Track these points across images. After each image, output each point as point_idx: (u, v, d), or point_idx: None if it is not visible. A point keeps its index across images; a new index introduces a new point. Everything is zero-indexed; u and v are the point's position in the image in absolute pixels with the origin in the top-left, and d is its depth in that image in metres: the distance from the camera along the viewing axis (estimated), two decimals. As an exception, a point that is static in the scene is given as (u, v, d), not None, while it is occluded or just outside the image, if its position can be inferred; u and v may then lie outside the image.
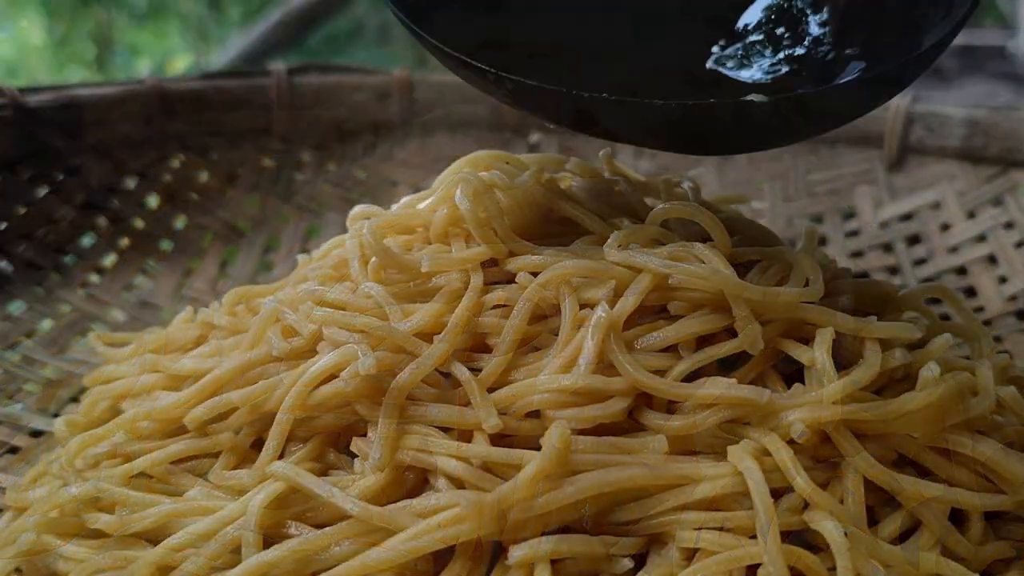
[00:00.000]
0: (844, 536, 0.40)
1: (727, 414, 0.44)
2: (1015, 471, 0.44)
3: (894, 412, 0.44)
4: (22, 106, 0.76)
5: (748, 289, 0.46)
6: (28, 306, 0.73)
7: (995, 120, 0.78)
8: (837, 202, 0.84)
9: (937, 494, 0.43)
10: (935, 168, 0.81)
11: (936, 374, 0.44)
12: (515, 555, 0.40)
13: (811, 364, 0.45)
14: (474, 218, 0.50)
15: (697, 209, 0.50)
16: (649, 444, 0.44)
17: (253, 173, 0.88)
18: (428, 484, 0.44)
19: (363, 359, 0.45)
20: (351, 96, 0.90)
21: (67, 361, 0.69)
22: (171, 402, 0.50)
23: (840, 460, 0.44)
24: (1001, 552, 0.45)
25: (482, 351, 0.48)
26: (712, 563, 0.40)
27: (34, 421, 0.62)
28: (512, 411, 0.45)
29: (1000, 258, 0.74)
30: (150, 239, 0.82)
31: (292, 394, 0.46)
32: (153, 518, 0.45)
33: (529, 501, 0.40)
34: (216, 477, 0.47)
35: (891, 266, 0.79)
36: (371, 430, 0.46)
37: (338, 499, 0.42)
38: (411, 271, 0.50)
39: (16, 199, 0.77)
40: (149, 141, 0.84)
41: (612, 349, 0.45)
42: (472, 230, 0.50)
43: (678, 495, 0.42)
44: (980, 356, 0.53)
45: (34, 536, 0.46)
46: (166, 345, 0.58)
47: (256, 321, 0.52)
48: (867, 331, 0.47)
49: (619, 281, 0.47)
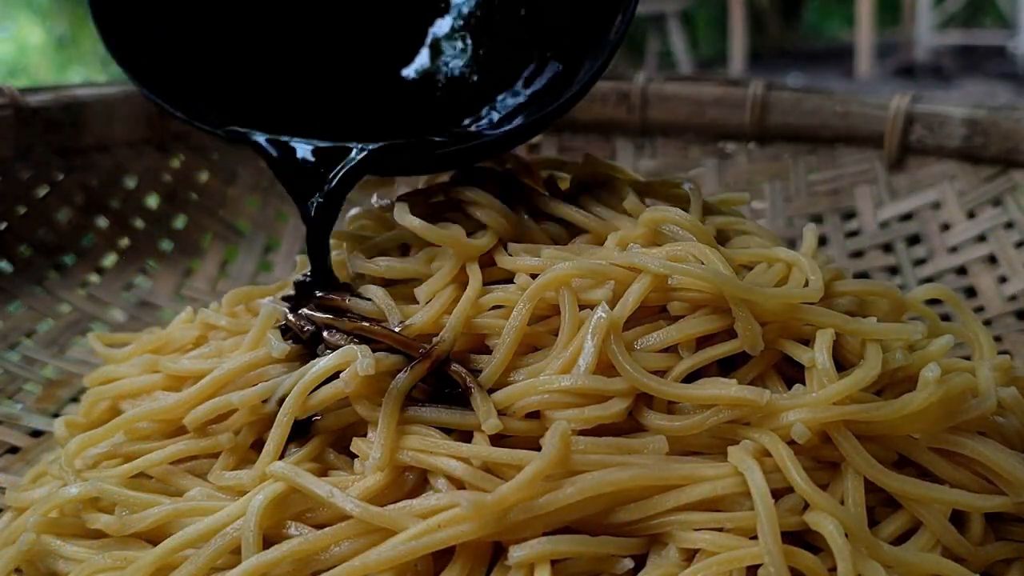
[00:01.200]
0: (844, 537, 0.40)
1: (727, 415, 0.44)
2: (1016, 472, 0.44)
3: (895, 413, 0.43)
4: (22, 106, 0.76)
5: (748, 290, 0.46)
6: (28, 306, 0.73)
7: (995, 120, 0.78)
8: (837, 202, 0.84)
9: (938, 495, 0.43)
10: (935, 168, 0.81)
11: (937, 375, 0.44)
12: (515, 555, 0.40)
13: (811, 365, 0.45)
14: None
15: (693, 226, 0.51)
16: (649, 445, 0.44)
17: (253, 173, 0.88)
18: (428, 484, 0.44)
19: (362, 360, 0.45)
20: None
21: (67, 361, 0.69)
22: (171, 403, 0.50)
23: (840, 461, 0.44)
24: (1001, 553, 0.45)
25: (482, 352, 0.48)
26: (712, 563, 0.40)
27: (34, 421, 0.62)
28: (512, 412, 0.45)
29: (1000, 258, 0.74)
30: (150, 239, 0.82)
31: (292, 395, 0.46)
32: (153, 518, 0.45)
33: (529, 501, 0.40)
34: (216, 478, 0.47)
35: (891, 266, 0.79)
36: (371, 430, 0.46)
37: (338, 499, 0.42)
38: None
39: (16, 199, 0.77)
40: (149, 141, 0.84)
41: (612, 350, 0.45)
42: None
43: (678, 496, 0.42)
44: (981, 358, 0.53)
45: (34, 536, 0.46)
46: (166, 345, 0.58)
47: (256, 322, 0.52)
48: (868, 332, 0.47)
49: (619, 282, 0.47)
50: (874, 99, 0.84)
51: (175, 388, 0.52)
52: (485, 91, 0.60)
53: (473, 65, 0.62)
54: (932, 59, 4.50)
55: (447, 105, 0.61)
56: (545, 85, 0.59)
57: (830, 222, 0.83)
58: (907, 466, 0.45)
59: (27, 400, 0.64)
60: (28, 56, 3.22)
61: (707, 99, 0.88)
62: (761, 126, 0.86)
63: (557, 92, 0.57)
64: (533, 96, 0.59)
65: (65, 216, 0.79)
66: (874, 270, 0.79)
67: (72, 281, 0.76)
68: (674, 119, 0.89)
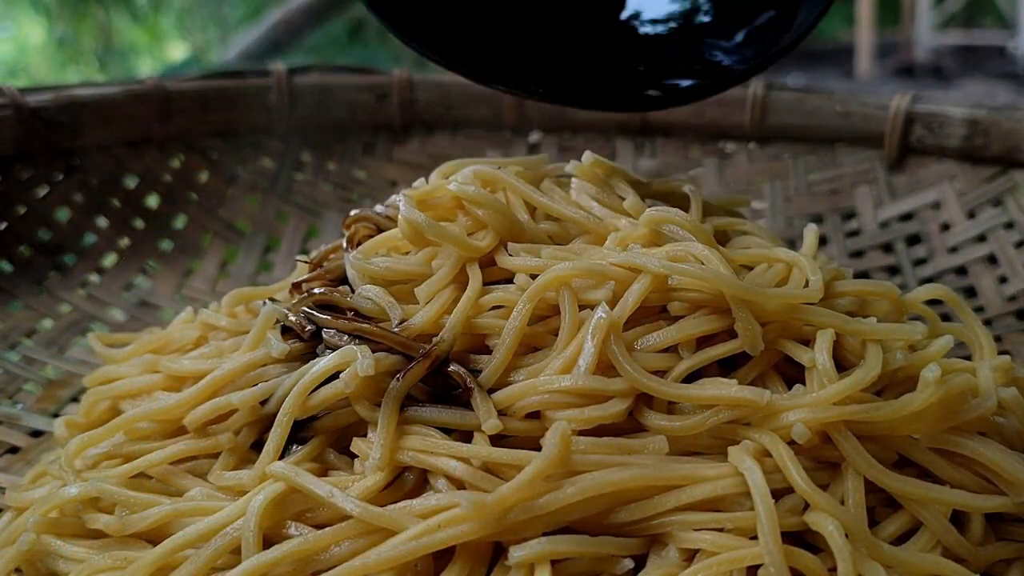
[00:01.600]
0: (845, 538, 0.40)
1: (728, 415, 0.44)
2: (1016, 473, 0.44)
3: (895, 413, 0.43)
4: (22, 106, 0.76)
5: (748, 290, 0.46)
6: (28, 306, 0.73)
7: (995, 120, 0.78)
8: (837, 202, 0.84)
9: (938, 496, 0.43)
10: (935, 168, 0.81)
11: (937, 375, 0.44)
12: (515, 556, 0.40)
13: (812, 366, 0.45)
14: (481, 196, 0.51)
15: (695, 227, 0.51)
16: (650, 445, 0.44)
17: (253, 173, 0.88)
18: (428, 485, 0.44)
19: (361, 360, 0.45)
20: (351, 96, 0.90)
21: (67, 361, 0.69)
22: (171, 403, 0.50)
23: (841, 461, 0.44)
24: (1002, 553, 0.45)
25: (482, 351, 0.48)
26: (712, 563, 0.40)
27: (34, 421, 0.62)
28: (512, 412, 0.45)
29: (1000, 258, 0.74)
30: (150, 239, 0.82)
31: (292, 396, 0.46)
32: (153, 518, 0.45)
33: (529, 502, 0.40)
34: (216, 478, 0.47)
35: (891, 266, 0.79)
36: (371, 431, 0.46)
37: (338, 499, 0.42)
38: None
39: (16, 199, 0.77)
40: (149, 141, 0.84)
41: (612, 350, 0.45)
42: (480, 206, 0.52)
43: (679, 496, 0.42)
44: (982, 359, 0.53)
45: (34, 536, 0.46)
46: (166, 346, 0.58)
47: (256, 323, 0.52)
48: (868, 332, 0.47)
49: (619, 282, 0.47)
50: (874, 99, 0.84)
51: (175, 388, 0.52)
52: (716, 32, 0.65)
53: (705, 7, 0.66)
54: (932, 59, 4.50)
55: (681, 44, 0.65)
56: (767, 27, 0.63)
57: (830, 222, 0.83)
58: (907, 466, 0.45)
59: (27, 400, 0.64)
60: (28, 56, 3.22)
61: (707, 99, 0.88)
62: (761, 126, 0.86)
63: (778, 36, 0.62)
64: (757, 36, 0.63)
65: (65, 216, 0.79)
66: (874, 270, 0.79)
67: (72, 281, 0.76)
68: (674, 119, 0.89)
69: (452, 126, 0.92)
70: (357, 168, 0.91)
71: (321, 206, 0.88)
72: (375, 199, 0.72)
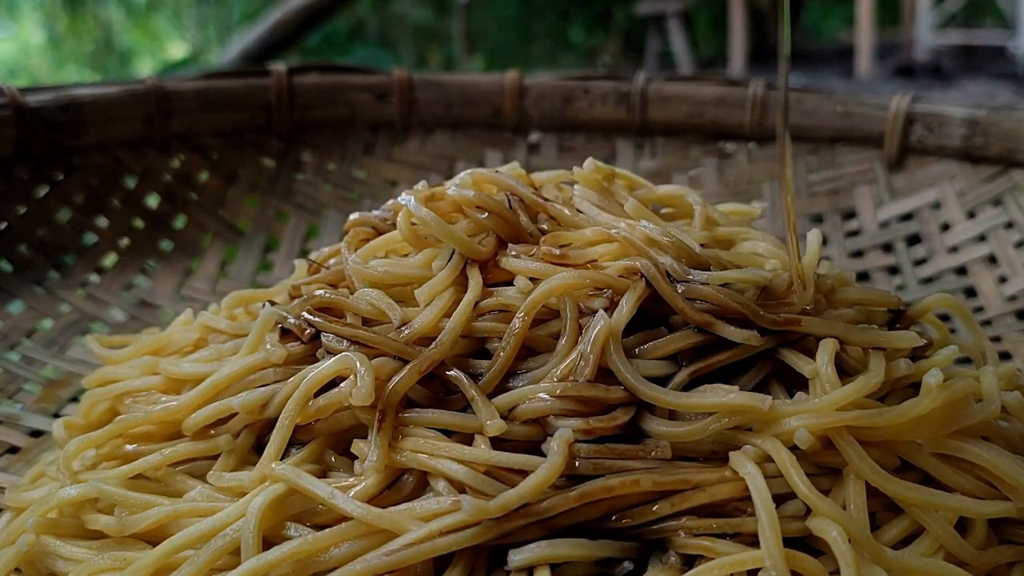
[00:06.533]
0: (848, 543, 0.40)
1: (729, 420, 0.44)
2: (1019, 477, 0.44)
3: (898, 418, 0.43)
4: (22, 106, 0.76)
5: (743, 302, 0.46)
6: (28, 306, 0.73)
7: (995, 120, 0.78)
8: (837, 202, 0.84)
9: (941, 501, 0.43)
10: (935, 168, 0.81)
11: (940, 380, 0.44)
12: (515, 559, 0.40)
13: (814, 376, 0.45)
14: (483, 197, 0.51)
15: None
16: (651, 450, 0.43)
17: (253, 173, 0.88)
18: (428, 487, 0.44)
19: (359, 388, 0.44)
20: (351, 96, 0.90)
21: (67, 361, 0.69)
22: (170, 406, 0.50)
23: (843, 466, 0.44)
24: (1005, 556, 0.44)
25: (481, 357, 0.48)
26: (713, 567, 0.40)
27: (34, 421, 0.62)
28: (511, 417, 0.45)
29: (1000, 258, 0.74)
30: (150, 239, 0.82)
31: (292, 401, 0.46)
32: (152, 519, 0.45)
33: (530, 506, 0.40)
34: (216, 479, 0.47)
35: (891, 266, 0.79)
36: (371, 433, 0.46)
37: (339, 501, 0.42)
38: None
39: (16, 199, 0.77)
40: (149, 141, 0.84)
41: (612, 359, 0.44)
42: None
43: (680, 500, 0.42)
44: (985, 366, 0.53)
45: (33, 537, 0.46)
46: (165, 347, 0.58)
47: (255, 326, 0.51)
48: (871, 341, 0.47)
49: (617, 289, 0.47)
50: (874, 99, 0.84)
51: (174, 391, 0.52)
52: None
53: None
54: (932, 59, 4.50)
55: None
56: None
57: (830, 222, 0.83)
58: (910, 471, 0.45)
59: (27, 400, 0.64)
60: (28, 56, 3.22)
61: (707, 99, 0.88)
62: (761, 126, 0.86)
63: None
64: None
65: (65, 216, 0.79)
66: (874, 270, 0.79)
67: (72, 281, 0.76)
68: (674, 119, 0.89)
69: (452, 126, 0.92)
70: (357, 168, 0.91)
71: (321, 206, 0.88)
72: (375, 199, 0.72)
